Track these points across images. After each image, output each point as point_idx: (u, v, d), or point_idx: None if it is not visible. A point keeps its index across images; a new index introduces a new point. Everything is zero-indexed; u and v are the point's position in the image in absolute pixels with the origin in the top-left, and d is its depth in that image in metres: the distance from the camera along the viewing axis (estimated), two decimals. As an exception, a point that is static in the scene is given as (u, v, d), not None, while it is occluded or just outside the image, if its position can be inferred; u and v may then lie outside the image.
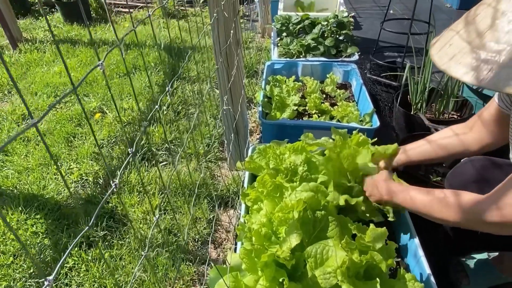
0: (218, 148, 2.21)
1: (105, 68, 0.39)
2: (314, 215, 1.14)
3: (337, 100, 2.20)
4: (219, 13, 1.30)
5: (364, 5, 4.69)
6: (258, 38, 3.88)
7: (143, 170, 2.01)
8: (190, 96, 2.76)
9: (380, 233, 1.05)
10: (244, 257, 1.01)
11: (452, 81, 1.91)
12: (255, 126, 2.46)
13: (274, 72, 2.42)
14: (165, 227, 1.67)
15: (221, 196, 1.85)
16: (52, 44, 3.66)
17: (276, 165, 1.40)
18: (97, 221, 1.70)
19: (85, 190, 1.93)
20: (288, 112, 2.01)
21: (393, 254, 1.05)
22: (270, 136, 1.90)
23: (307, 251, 1.01)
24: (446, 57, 0.76)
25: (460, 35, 0.76)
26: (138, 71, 3.09)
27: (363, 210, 1.29)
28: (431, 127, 1.75)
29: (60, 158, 2.13)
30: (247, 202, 1.31)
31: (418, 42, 2.71)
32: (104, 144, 2.24)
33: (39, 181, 1.96)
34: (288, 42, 2.68)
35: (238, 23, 1.54)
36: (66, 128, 2.36)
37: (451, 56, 0.74)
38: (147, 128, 2.28)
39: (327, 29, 2.65)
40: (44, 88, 2.87)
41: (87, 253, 1.57)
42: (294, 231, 1.02)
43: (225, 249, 1.62)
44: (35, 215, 1.75)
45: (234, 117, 1.68)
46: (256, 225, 1.13)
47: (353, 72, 2.34)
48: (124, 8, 4.75)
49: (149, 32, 3.90)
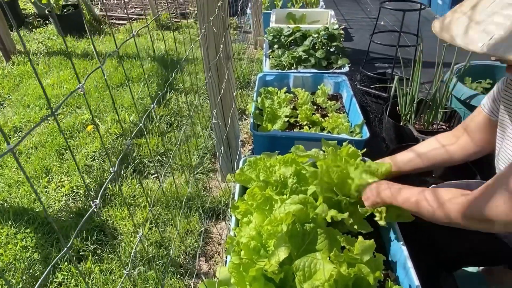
0: (210, 159, 2.22)
1: (85, 91, 0.39)
2: (303, 227, 1.15)
3: (328, 111, 2.22)
4: (208, 28, 1.32)
5: (355, 16, 4.76)
6: (250, 49, 3.92)
7: (134, 182, 2.01)
8: (183, 107, 2.77)
9: (368, 246, 1.06)
10: (232, 271, 1.01)
11: (440, 92, 1.94)
12: (247, 137, 2.48)
13: (266, 83, 2.44)
14: (155, 240, 1.66)
15: (212, 208, 1.85)
16: (45, 56, 3.67)
17: (266, 177, 1.41)
18: (87, 235, 1.69)
19: (76, 203, 1.92)
20: (279, 124, 2.02)
21: (381, 266, 1.06)
22: (261, 147, 1.91)
23: (295, 264, 1.01)
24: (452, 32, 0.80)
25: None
26: (131, 83, 3.10)
27: (352, 222, 1.30)
28: (420, 138, 1.77)
29: (51, 171, 2.13)
30: (237, 215, 1.31)
31: (408, 53, 2.75)
32: (96, 156, 2.23)
33: (29, 195, 1.95)
34: (279, 54, 2.71)
35: (228, 37, 1.56)
36: (57, 141, 2.36)
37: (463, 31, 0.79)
38: (132, 143, 2.28)
39: (318, 41, 2.69)
40: (36, 100, 2.87)
41: (76, 267, 1.56)
42: (283, 244, 1.02)
43: (216, 262, 1.62)
44: (25, 229, 1.73)
45: (224, 130, 1.69)
46: (245, 238, 1.13)
47: (343, 83, 2.37)
48: (118, 20, 4.79)
49: (143, 44, 3.92)
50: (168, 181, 2.01)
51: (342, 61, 2.56)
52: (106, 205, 1.88)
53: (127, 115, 2.64)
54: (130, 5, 5.60)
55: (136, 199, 1.92)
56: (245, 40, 4.12)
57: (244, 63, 3.41)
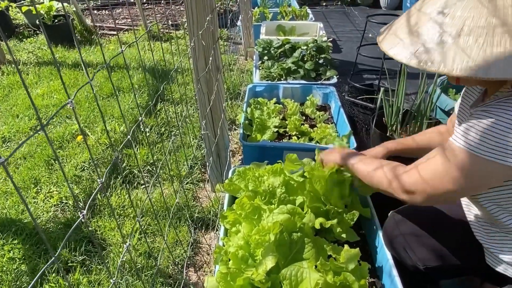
0: (200, 170, 2.23)
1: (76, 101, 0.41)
2: (291, 237, 1.17)
3: (317, 121, 2.26)
4: (197, 41, 1.35)
5: (344, 29, 4.86)
6: (241, 61, 3.97)
7: (124, 193, 2.01)
8: (173, 117, 2.79)
9: (353, 254, 1.08)
10: (220, 281, 1.03)
11: (425, 103, 2.00)
12: (237, 147, 2.50)
13: (256, 94, 2.48)
14: (144, 250, 1.66)
15: (202, 218, 1.86)
16: (36, 66, 3.67)
17: (255, 187, 1.43)
18: (75, 246, 1.68)
19: (65, 214, 1.91)
20: (269, 134, 2.05)
21: (365, 274, 1.08)
22: (251, 157, 1.94)
23: (282, 273, 1.03)
24: (389, 45, 0.89)
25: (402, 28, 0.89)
26: (122, 93, 3.11)
27: (339, 231, 1.32)
28: (405, 148, 1.81)
29: (40, 181, 2.11)
30: (226, 224, 1.32)
31: (395, 65, 2.81)
32: (86, 167, 2.23)
33: (17, 206, 1.93)
34: (269, 65, 2.75)
35: (218, 50, 1.59)
36: (47, 151, 2.35)
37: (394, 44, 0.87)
38: (122, 154, 2.29)
39: (307, 53, 2.75)
40: (26, 111, 2.86)
41: (65, 279, 1.55)
42: (270, 253, 1.04)
43: (206, 272, 1.62)
44: (12, 240, 1.72)
45: (214, 140, 1.71)
46: (233, 248, 1.15)
47: (331, 94, 2.42)
48: (109, 31, 4.81)
49: (134, 54, 3.95)
50: (158, 191, 2.02)
51: (331, 73, 2.61)
52: (95, 215, 1.87)
53: (117, 125, 2.65)
54: (121, 16, 5.64)
55: (125, 210, 1.92)
56: (236, 51, 4.18)
57: (234, 74, 3.45)
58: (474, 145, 0.79)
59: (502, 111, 0.77)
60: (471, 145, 0.80)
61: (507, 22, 0.72)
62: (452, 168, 0.84)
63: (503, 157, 0.76)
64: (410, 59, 0.81)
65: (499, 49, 0.71)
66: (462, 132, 0.83)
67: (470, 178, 0.82)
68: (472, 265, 1.10)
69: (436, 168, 0.87)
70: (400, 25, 0.89)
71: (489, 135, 0.77)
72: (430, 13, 0.82)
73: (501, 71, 0.70)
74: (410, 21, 0.87)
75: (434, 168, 0.88)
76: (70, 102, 0.43)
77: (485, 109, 0.80)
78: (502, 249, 0.98)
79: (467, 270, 1.15)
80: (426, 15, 0.83)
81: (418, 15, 0.86)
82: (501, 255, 0.98)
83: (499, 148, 0.76)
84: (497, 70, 0.71)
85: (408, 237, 1.21)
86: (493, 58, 0.72)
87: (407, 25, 0.87)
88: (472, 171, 0.81)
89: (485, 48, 0.72)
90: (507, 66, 0.70)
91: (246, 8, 3.49)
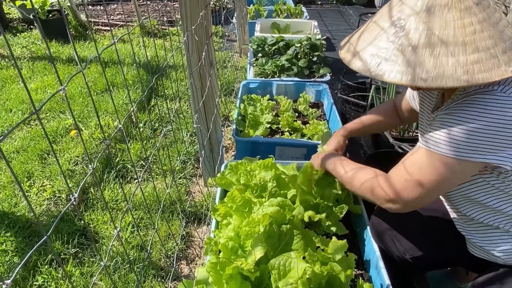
0: (193, 165, 2.25)
1: (66, 93, 0.43)
2: (280, 229, 1.19)
3: (309, 118, 2.29)
4: (190, 36, 1.36)
5: (338, 27, 4.89)
6: (236, 58, 3.98)
7: (117, 187, 2.02)
8: (167, 113, 2.80)
9: (340, 245, 1.11)
10: (210, 270, 1.05)
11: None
12: (230, 143, 2.52)
13: (250, 91, 2.50)
14: (137, 243, 1.68)
15: (194, 212, 1.88)
16: (29, 61, 3.65)
17: (247, 181, 1.45)
18: (68, 238, 1.69)
19: (58, 208, 1.92)
20: (261, 130, 2.07)
21: (352, 265, 1.11)
22: (243, 153, 1.96)
23: (270, 263, 1.05)
24: (349, 55, 0.96)
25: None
26: (116, 89, 3.12)
27: (329, 224, 1.35)
28: (395, 144, 1.85)
29: (33, 175, 2.12)
30: (217, 217, 1.35)
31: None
32: (79, 161, 2.24)
33: (10, 199, 1.94)
34: (263, 62, 2.77)
35: (211, 45, 1.61)
36: (40, 145, 2.35)
37: (353, 54, 0.95)
38: (116, 148, 2.30)
39: (300, 50, 2.77)
40: (19, 105, 2.85)
41: (57, 270, 1.56)
42: (259, 244, 1.07)
43: (197, 265, 1.64)
44: (5, 233, 1.73)
45: (206, 135, 1.73)
46: (223, 239, 1.17)
47: (324, 92, 2.44)
48: (104, 26, 4.80)
49: (128, 50, 3.95)
50: (150, 186, 2.03)
51: (324, 70, 2.64)
52: (88, 209, 1.89)
53: (111, 120, 2.66)
54: (116, 11, 5.62)
55: (118, 204, 1.93)
56: (231, 48, 4.19)
57: (228, 71, 3.47)
58: (444, 148, 0.84)
59: (462, 113, 0.83)
60: (440, 147, 0.85)
61: (450, 40, 0.80)
62: (426, 172, 0.88)
63: (472, 155, 0.82)
64: (371, 72, 0.87)
65: (453, 60, 0.79)
66: (429, 136, 0.88)
67: (445, 180, 0.87)
68: (456, 254, 1.14)
69: (411, 174, 0.91)
70: (359, 38, 0.95)
71: (456, 135, 0.82)
72: (386, 27, 0.88)
73: (456, 81, 0.78)
74: (369, 33, 0.93)
75: (410, 173, 0.92)
76: (62, 89, 0.45)
77: (447, 112, 0.86)
78: (481, 238, 1.03)
79: (452, 260, 1.19)
80: (383, 29, 0.88)
81: (374, 27, 0.91)
82: (480, 244, 1.03)
83: (467, 146, 0.82)
84: (453, 80, 0.78)
85: (395, 229, 1.24)
86: (449, 68, 0.79)
87: (365, 38, 0.92)
88: (445, 172, 0.86)
89: (441, 59, 0.79)
90: (460, 75, 0.78)
91: (241, 6, 3.51)
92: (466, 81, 0.77)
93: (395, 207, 0.96)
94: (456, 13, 0.80)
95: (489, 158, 0.81)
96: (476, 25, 0.80)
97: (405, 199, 0.92)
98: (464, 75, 0.77)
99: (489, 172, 0.90)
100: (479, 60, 0.78)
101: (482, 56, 0.78)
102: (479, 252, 1.06)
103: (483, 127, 0.79)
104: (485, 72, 0.77)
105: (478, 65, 0.78)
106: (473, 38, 0.79)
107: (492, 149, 0.80)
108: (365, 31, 0.94)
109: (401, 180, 0.93)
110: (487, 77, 0.77)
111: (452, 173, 0.86)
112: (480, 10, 0.81)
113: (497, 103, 0.80)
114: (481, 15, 0.81)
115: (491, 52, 0.79)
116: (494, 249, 1.00)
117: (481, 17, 0.81)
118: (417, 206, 0.96)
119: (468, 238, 1.08)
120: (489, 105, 0.80)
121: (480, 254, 1.06)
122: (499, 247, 0.99)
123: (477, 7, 0.81)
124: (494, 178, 0.90)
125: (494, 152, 0.81)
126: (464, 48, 0.79)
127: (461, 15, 0.80)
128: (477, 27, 0.80)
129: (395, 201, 0.94)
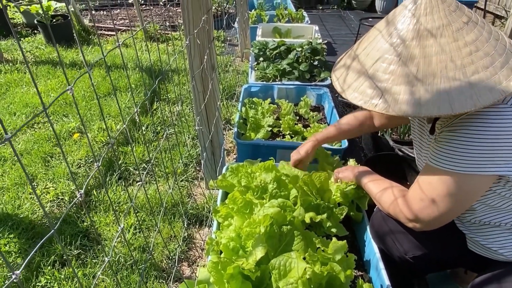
0: (195, 168, 2.27)
1: (73, 92, 0.45)
2: (281, 229, 1.21)
3: (310, 121, 2.30)
4: (192, 40, 1.39)
5: (339, 32, 4.93)
6: (237, 62, 4.01)
7: (119, 189, 2.04)
8: (169, 117, 2.83)
9: (340, 246, 1.12)
10: (211, 270, 1.06)
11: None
12: (232, 146, 2.54)
13: (251, 94, 2.52)
14: (139, 245, 1.69)
15: (196, 214, 1.89)
16: (33, 65, 3.69)
17: (248, 183, 1.47)
18: (71, 240, 1.71)
19: (61, 210, 1.94)
20: (263, 133, 2.09)
21: (352, 265, 1.12)
22: (245, 155, 1.97)
23: (271, 263, 1.07)
24: (345, 85, 0.96)
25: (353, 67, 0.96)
26: (119, 93, 3.15)
27: (329, 225, 1.36)
28: (395, 147, 1.86)
29: (36, 177, 2.14)
30: (218, 218, 1.36)
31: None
32: (82, 164, 2.26)
33: (14, 201, 1.96)
34: (264, 66, 2.80)
35: (213, 49, 1.64)
36: (43, 148, 2.38)
37: (349, 84, 0.95)
38: (118, 150, 2.32)
39: (301, 54, 2.79)
40: (23, 108, 2.88)
41: (60, 272, 1.58)
42: (260, 244, 1.08)
43: (199, 267, 1.65)
44: (8, 234, 1.74)
45: (208, 137, 1.75)
46: (225, 240, 1.18)
47: (325, 95, 2.46)
48: (107, 31, 4.84)
49: (131, 55, 3.98)
50: (153, 188, 2.05)
51: (325, 74, 2.66)
52: (91, 211, 1.90)
53: (114, 124, 2.68)
54: (119, 16, 5.67)
55: (120, 206, 1.95)
56: (233, 52, 4.22)
57: (230, 75, 3.50)
58: (452, 165, 0.86)
59: (466, 129, 0.84)
60: (449, 164, 0.86)
61: (449, 65, 0.81)
62: (439, 190, 0.90)
63: (482, 168, 0.83)
64: (369, 104, 0.88)
65: (445, 88, 0.80)
66: (436, 153, 0.89)
67: (459, 196, 0.88)
68: (457, 253, 1.14)
69: (426, 193, 0.93)
70: (353, 70, 0.96)
71: (463, 151, 0.84)
72: (381, 55, 0.89)
73: (462, 107, 0.78)
74: (361, 65, 0.94)
75: (424, 192, 0.93)
76: (70, 89, 0.47)
77: (452, 128, 0.87)
78: (481, 236, 1.04)
79: (453, 259, 1.19)
80: (379, 58, 0.89)
81: (366, 60, 0.92)
82: (481, 242, 1.04)
83: (474, 160, 0.83)
84: (460, 106, 0.78)
85: (395, 229, 1.25)
86: (453, 96, 0.79)
87: (357, 70, 0.94)
88: (457, 188, 0.87)
89: (444, 86, 0.80)
90: (464, 100, 0.78)
91: (243, 10, 3.54)
92: (473, 105, 0.78)
93: (419, 226, 0.98)
94: (449, 37, 0.81)
95: (500, 170, 0.83)
96: (471, 46, 0.81)
97: (425, 219, 0.94)
98: (469, 99, 0.78)
99: (496, 182, 0.91)
100: (480, 81, 0.79)
101: (482, 76, 0.79)
102: (480, 249, 1.07)
103: (488, 140, 0.81)
104: (489, 93, 0.78)
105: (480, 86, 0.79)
106: (470, 60, 0.80)
107: (501, 161, 0.82)
108: (361, 58, 0.94)
109: (417, 200, 0.95)
110: (490, 98, 0.77)
111: (464, 189, 0.87)
112: (471, 28, 0.82)
113: (499, 115, 0.81)
114: (472, 34, 0.82)
115: (490, 70, 0.79)
116: (495, 246, 1.01)
117: (474, 36, 0.81)
118: (440, 223, 0.96)
119: (468, 236, 1.09)
120: (492, 118, 0.81)
121: (481, 251, 1.07)
122: (500, 244, 1.00)
123: (467, 26, 0.82)
124: (501, 187, 0.91)
125: (503, 164, 0.82)
126: (463, 71, 0.80)
127: (455, 37, 0.81)
128: (472, 47, 0.81)
129: (416, 221, 0.97)
